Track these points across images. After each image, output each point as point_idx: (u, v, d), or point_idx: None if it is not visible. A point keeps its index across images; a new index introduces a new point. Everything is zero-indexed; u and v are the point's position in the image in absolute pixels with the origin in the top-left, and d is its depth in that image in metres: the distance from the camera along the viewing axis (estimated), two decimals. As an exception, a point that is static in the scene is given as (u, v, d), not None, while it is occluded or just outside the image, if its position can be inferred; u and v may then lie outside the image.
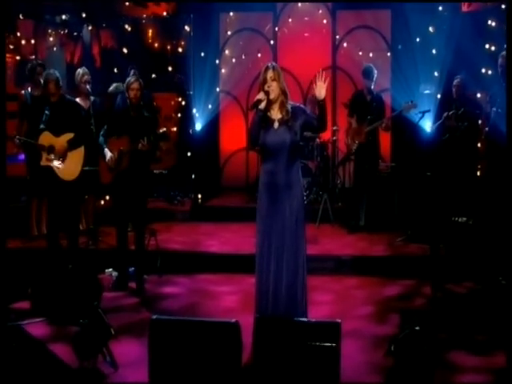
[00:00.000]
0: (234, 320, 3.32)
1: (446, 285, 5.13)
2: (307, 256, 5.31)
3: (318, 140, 7.67)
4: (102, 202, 6.73)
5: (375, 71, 6.71)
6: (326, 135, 7.98)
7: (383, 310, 4.83)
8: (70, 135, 5.09)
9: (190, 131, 7.98)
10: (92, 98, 6.26)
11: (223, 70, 8.78)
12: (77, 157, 5.14)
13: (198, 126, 7.96)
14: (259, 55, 8.67)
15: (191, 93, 7.99)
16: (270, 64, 3.86)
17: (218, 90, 8.59)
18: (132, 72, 6.74)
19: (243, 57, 8.67)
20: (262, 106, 3.76)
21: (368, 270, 5.68)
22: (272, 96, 3.78)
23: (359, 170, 6.86)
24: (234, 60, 8.73)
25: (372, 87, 6.76)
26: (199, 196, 7.95)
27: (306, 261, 3.86)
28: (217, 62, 8.50)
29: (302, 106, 3.96)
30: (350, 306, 4.91)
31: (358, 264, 5.76)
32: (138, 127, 5.13)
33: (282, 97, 3.81)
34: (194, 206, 7.82)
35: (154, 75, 8.27)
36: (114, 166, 5.08)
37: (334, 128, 7.97)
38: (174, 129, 8.61)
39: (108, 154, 5.12)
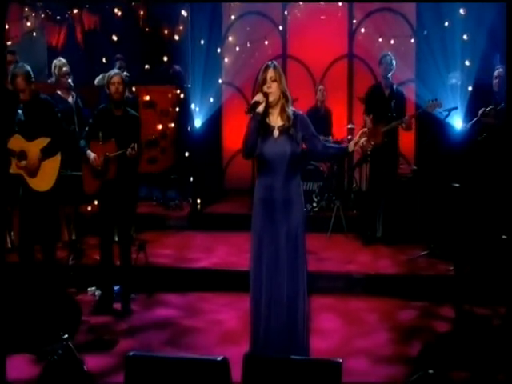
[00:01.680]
0: (221, 357, 3.23)
1: (470, 309, 5.02)
2: (313, 274, 5.20)
3: (330, 139, 7.61)
4: (89, 208, 6.70)
5: (393, 59, 6.57)
6: (340, 134, 7.98)
7: (397, 338, 4.74)
8: (44, 141, 4.98)
9: (189, 128, 7.94)
10: (74, 94, 6.23)
11: (226, 60, 8.76)
12: (52, 166, 5.03)
13: (198, 123, 7.93)
14: (266, 42, 8.64)
15: (189, 86, 7.96)
16: (270, 62, 3.82)
17: (220, 81, 8.57)
18: (118, 64, 6.69)
19: (248, 44, 8.65)
20: (260, 109, 3.71)
21: (383, 290, 5.61)
22: (271, 99, 3.74)
23: (375, 175, 6.77)
24: (237, 48, 8.71)
25: (390, 79, 6.63)
26: (198, 201, 7.92)
27: (306, 284, 3.82)
28: (218, 50, 8.46)
29: (305, 116, 3.89)
30: (359, 333, 4.83)
31: (371, 284, 5.69)
32: (125, 129, 5.10)
33: (282, 100, 3.77)
34: (192, 213, 7.80)
35: (147, 66, 8.27)
36: (100, 168, 5.04)
37: (349, 126, 7.93)
38: (172, 125, 8.59)
39: (91, 154, 5.08)
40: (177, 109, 8.52)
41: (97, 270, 5.37)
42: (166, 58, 8.41)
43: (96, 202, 5.46)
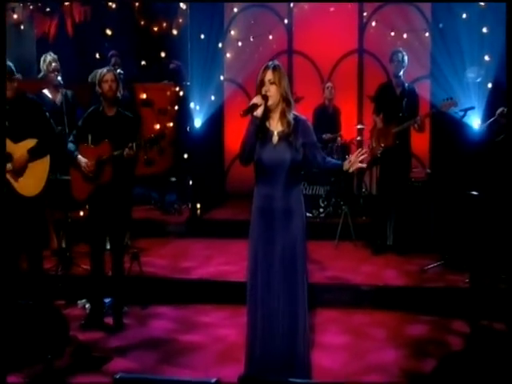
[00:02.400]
0: (214, 380, 3.18)
1: (489, 324, 4.98)
2: (317, 285, 5.29)
3: (339, 140, 7.59)
4: (82, 213, 6.69)
5: (405, 56, 6.51)
6: (348, 134, 7.95)
7: (408, 355, 4.67)
8: (31, 142, 4.91)
9: (188, 128, 7.94)
10: (64, 90, 6.18)
11: (228, 55, 8.79)
12: (40, 169, 4.96)
13: (198, 122, 7.93)
14: (271, 37, 8.66)
15: (188, 83, 7.95)
16: (270, 63, 3.78)
17: (221, 78, 8.59)
18: (113, 60, 6.65)
19: (251, 39, 8.67)
20: (259, 112, 3.67)
21: (392, 303, 5.55)
22: (270, 102, 3.70)
23: (385, 179, 6.71)
24: (240, 43, 8.73)
25: (402, 77, 6.58)
26: (198, 206, 7.91)
27: (307, 297, 3.79)
28: (220, 45, 8.46)
29: (307, 122, 3.83)
30: (367, 350, 4.77)
31: (380, 296, 5.63)
32: (118, 130, 5.07)
33: (282, 105, 3.73)
34: (191, 218, 7.79)
35: (143, 62, 8.32)
36: (92, 174, 5.01)
37: (359, 126, 7.95)
38: (171, 124, 8.57)
39: (82, 159, 5.05)
40: (176, 107, 8.52)
41: (87, 280, 5.34)
42: (163, 54, 8.43)
43: (87, 208, 5.40)
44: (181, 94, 8.36)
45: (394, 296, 5.60)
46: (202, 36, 7.93)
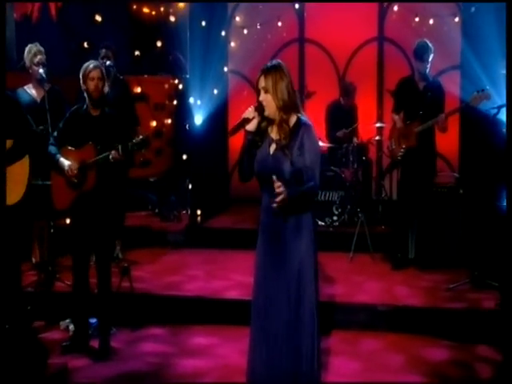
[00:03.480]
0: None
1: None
2: (329, 304, 5.32)
3: (355, 140, 7.57)
4: (68, 221, 6.64)
5: (431, 49, 6.45)
6: (366, 133, 7.96)
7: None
8: (7, 143, 4.83)
9: (187, 126, 7.94)
10: (47, 86, 6.15)
11: (232, 44, 8.84)
12: (19, 172, 4.91)
13: (199, 119, 7.92)
14: (280, 24, 8.70)
15: (187, 76, 7.95)
16: (264, 66, 3.69)
17: (225, 69, 8.62)
18: (103, 52, 6.66)
19: (258, 26, 8.72)
20: (252, 126, 3.69)
21: (412, 325, 5.50)
22: (267, 112, 3.69)
23: (407, 184, 6.65)
24: (246, 31, 8.77)
25: (427, 71, 6.50)
26: (198, 212, 7.92)
27: (317, 318, 3.77)
28: (223, 33, 8.45)
29: (312, 129, 3.70)
30: (382, 377, 4.71)
31: (398, 317, 5.58)
32: (104, 130, 5.05)
33: (280, 113, 3.68)
34: (190, 227, 7.80)
35: (137, 52, 8.30)
36: (76, 180, 4.99)
37: (378, 124, 7.91)
38: (169, 121, 8.67)
39: (66, 162, 5.03)
40: (174, 102, 8.56)
41: (70, 298, 5.30)
42: (159, 43, 8.41)
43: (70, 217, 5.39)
44: (180, 87, 8.37)
45: (414, 317, 5.54)
46: (203, 23, 7.92)
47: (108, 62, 6.55)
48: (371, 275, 6.45)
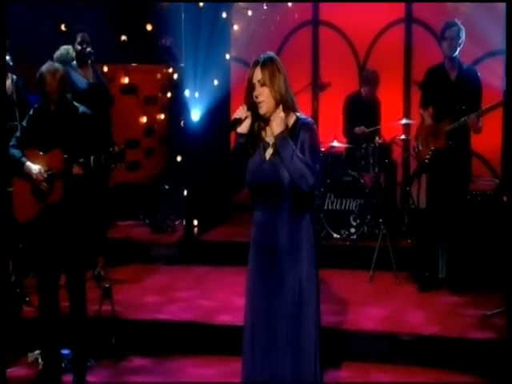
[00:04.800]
0: None
1: None
2: (344, 332, 5.51)
3: (376, 139, 7.57)
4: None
5: (461, 29, 6.38)
6: (390, 131, 7.99)
7: None
8: None
9: (182, 123, 7.96)
10: (13, 76, 6.13)
11: (235, 27, 8.81)
12: None
13: (196, 114, 7.91)
14: (290, 4, 8.69)
15: (182, 65, 7.96)
16: (261, 56, 3.72)
17: (227, 57, 8.62)
18: (79, 37, 6.60)
19: (265, 7, 8.67)
20: (244, 128, 3.69)
21: (439, 358, 5.42)
22: (264, 110, 3.68)
23: (437, 191, 6.59)
24: (250, 12, 8.73)
25: (455, 53, 6.42)
26: (195, 223, 7.97)
27: (320, 352, 3.78)
28: (224, 15, 8.43)
29: (313, 126, 3.76)
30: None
31: (424, 349, 5.51)
32: (74, 133, 5.00)
33: (278, 111, 3.69)
34: (185, 240, 7.81)
35: (124, 37, 8.26)
36: (46, 188, 4.97)
37: (404, 121, 7.83)
38: (161, 116, 8.70)
39: (32, 166, 4.99)
40: (168, 94, 8.57)
41: (39, 325, 5.23)
42: (149, 27, 8.42)
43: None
44: (174, 77, 8.37)
45: (443, 349, 5.47)
46: (201, 4, 7.90)
47: (88, 49, 6.53)
48: (394, 298, 6.41)
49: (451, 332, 5.62)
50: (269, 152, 3.71)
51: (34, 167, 4.98)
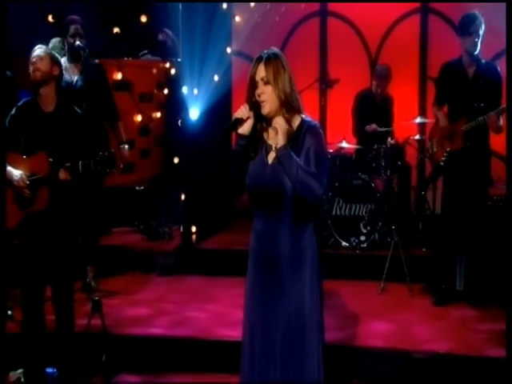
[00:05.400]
0: None
1: None
2: (352, 349, 5.49)
3: (389, 140, 7.58)
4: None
5: (481, 22, 6.36)
6: (403, 131, 8.03)
7: None
8: None
9: (179, 122, 7.92)
10: None
11: (237, 19, 8.83)
12: None
13: (195, 112, 7.90)
14: None
15: (180, 59, 7.93)
16: (264, 52, 3.71)
17: (228, 50, 8.62)
18: (72, 29, 6.61)
19: None
20: (246, 129, 3.69)
21: (457, 378, 5.40)
22: (267, 110, 3.69)
23: (453, 196, 6.57)
24: (253, 3, 8.76)
25: (477, 50, 6.40)
26: (193, 230, 7.94)
27: (324, 372, 3.81)
28: (225, 6, 8.46)
29: (319, 129, 3.77)
30: None
31: (440, 368, 5.46)
32: (60, 135, 5.02)
33: (282, 110, 3.71)
34: (182, 248, 7.82)
35: (116, 29, 8.29)
36: (29, 195, 5.00)
37: (419, 120, 7.84)
38: (158, 114, 8.67)
39: (14, 172, 5.01)
40: (165, 91, 8.55)
41: (21, 342, 5.26)
42: (144, 18, 8.44)
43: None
44: (171, 72, 8.36)
45: (460, 368, 5.44)
46: (200, -7, 7.93)
47: (78, 42, 6.55)
48: (407, 312, 6.39)
49: (469, 349, 5.59)
50: (271, 155, 3.72)
51: (16, 173, 5.00)
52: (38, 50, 5.12)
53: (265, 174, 3.70)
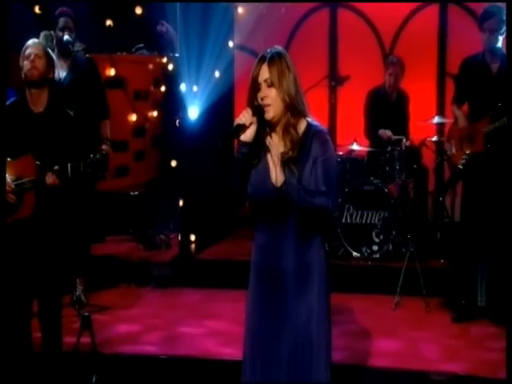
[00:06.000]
0: None
1: None
2: (364, 369, 5.49)
3: (404, 141, 7.56)
4: None
5: (502, 18, 6.29)
6: (420, 132, 8.03)
7: None
8: None
9: (177, 121, 7.93)
10: None
11: (240, 10, 8.84)
12: None
13: (194, 111, 7.91)
14: None
15: (178, 54, 7.96)
16: (268, 51, 3.69)
17: (230, 44, 8.64)
18: (61, 22, 6.61)
19: None
20: (248, 135, 3.65)
21: None
22: (270, 115, 3.67)
23: (473, 203, 6.55)
24: None
25: (497, 44, 6.38)
26: (192, 238, 7.95)
27: None
28: None
29: (326, 135, 3.75)
30: None
31: None
32: (50, 136, 5.03)
33: (287, 115, 3.68)
34: (180, 258, 7.83)
35: (109, 22, 8.28)
36: (14, 200, 4.98)
37: (437, 119, 7.83)
38: (154, 113, 8.68)
39: None
40: (162, 88, 8.56)
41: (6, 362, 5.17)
42: (139, 10, 8.45)
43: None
44: (169, 68, 8.39)
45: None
46: (200, -17, 7.95)
47: (66, 37, 6.55)
48: (423, 329, 6.38)
49: (492, 371, 5.52)
50: None
51: None
52: (35, 47, 5.10)
53: (268, 184, 3.65)
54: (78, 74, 6.66)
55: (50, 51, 5.21)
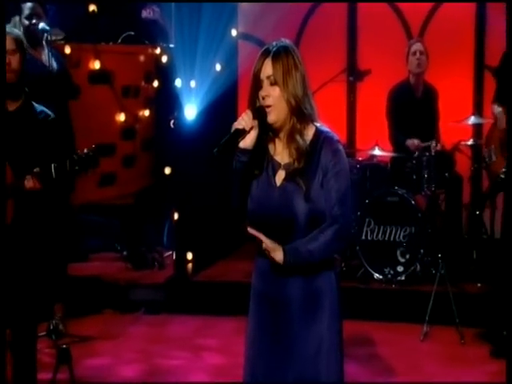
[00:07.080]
0: None
1: None
2: None
3: (433, 145, 7.46)
4: None
5: None
6: (453, 134, 8.01)
7: None
8: None
9: (172, 123, 7.95)
10: None
11: None
12: None
13: (192, 110, 7.95)
14: None
15: (172, 45, 8.02)
16: (273, 44, 3.67)
17: (233, 33, 8.68)
18: (29, 7, 6.65)
19: None
20: (248, 143, 3.66)
21: None
22: (273, 118, 3.66)
23: None
24: None
25: None
26: (189, 257, 7.97)
27: None
28: None
29: (336, 143, 3.72)
30: None
31: None
32: (26, 136, 5.10)
33: (292, 119, 3.67)
34: (175, 280, 7.87)
35: (93, 7, 8.31)
36: None
37: (473, 120, 7.82)
38: (146, 113, 8.71)
39: None
40: (155, 84, 8.60)
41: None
42: None
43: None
44: (163, 60, 8.42)
45: None
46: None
47: (42, 24, 6.54)
48: (457, 364, 6.40)
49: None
50: (280, 175, 3.69)
51: None
52: (7, 37, 5.09)
53: (272, 198, 3.68)
54: (52, 67, 6.61)
55: (22, 39, 5.23)
